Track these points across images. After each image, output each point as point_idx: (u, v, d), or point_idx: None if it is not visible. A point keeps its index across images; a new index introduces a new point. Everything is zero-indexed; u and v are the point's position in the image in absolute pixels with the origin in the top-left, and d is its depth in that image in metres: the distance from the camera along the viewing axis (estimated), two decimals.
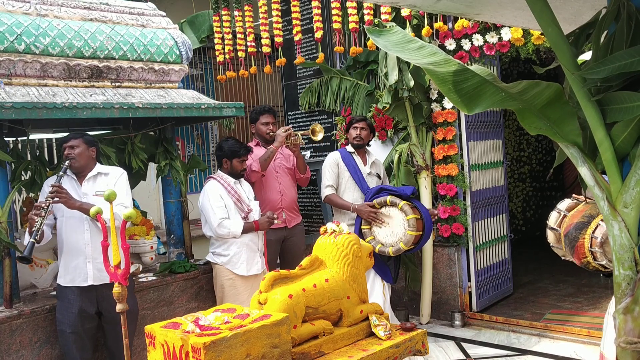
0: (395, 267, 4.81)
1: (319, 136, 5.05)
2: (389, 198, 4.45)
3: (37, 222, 3.37)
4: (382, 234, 4.49)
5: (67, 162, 3.64)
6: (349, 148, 4.92)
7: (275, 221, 4.50)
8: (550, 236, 3.62)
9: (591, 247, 3.17)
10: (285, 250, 5.10)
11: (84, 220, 3.65)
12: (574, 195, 3.66)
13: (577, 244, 3.24)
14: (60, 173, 3.59)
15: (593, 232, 3.13)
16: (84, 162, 3.72)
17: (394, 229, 4.45)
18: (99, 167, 3.84)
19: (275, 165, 5.00)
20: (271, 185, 5.00)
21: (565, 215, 3.51)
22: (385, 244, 4.45)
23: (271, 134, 4.99)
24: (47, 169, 4.17)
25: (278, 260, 5.16)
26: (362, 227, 4.57)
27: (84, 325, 3.66)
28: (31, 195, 4.42)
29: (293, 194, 5.11)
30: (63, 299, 3.68)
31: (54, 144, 4.91)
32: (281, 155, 5.07)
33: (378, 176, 4.93)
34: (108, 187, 3.69)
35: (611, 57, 1.73)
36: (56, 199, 3.45)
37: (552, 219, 3.61)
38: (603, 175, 1.94)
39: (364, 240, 4.46)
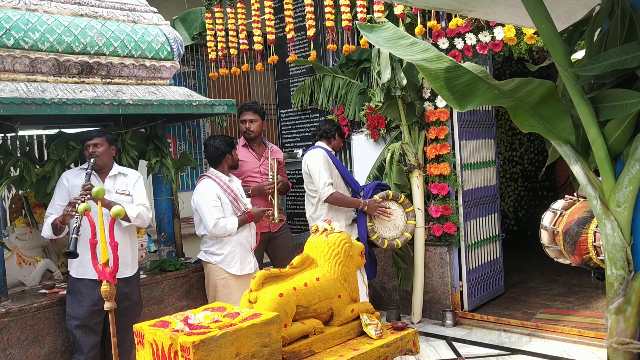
0: (372, 263, 4.89)
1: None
2: (390, 192, 4.75)
3: (77, 218, 3.46)
4: (384, 228, 4.67)
5: (92, 160, 3.74)
6: (327, 147, 4.92)
7: (269, 222, 4.49)
8: (544, 236, 3.60)
9: (595, 241, 3.15)
10: (273, 250, 5.07)
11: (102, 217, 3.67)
12: (567, 196, 3.65)
13: (579, 239, 3.22)
14: (89, 171, 3.69)
15: (597, 227, 3.10)
16: (107, 160, 3.85)
17: (396, 222, 4.76)
18: (118, 167, 3.97)
19: (262, 170, 4.95)
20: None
21: (562, 214, 3.50)
22: (389, 237, 4.68)
23: (249, 132, 4.95)
24: (37, 166, 4.13)
25: (264, 261, 5.13)
26: (368, 224, 4.69)
27: (92, 319, 3.70)
28: (20, 192, 4.38)
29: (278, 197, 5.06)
30: (75, 293, 3.70)
31: (44, 141, 4.87)
32: (266, 161, 5.01)
33: None
34: (127, 187, 3.90)
35: (605, 54, 1.72)
36: (88, 196, 3.50)
37: (547, 218, 3.59)
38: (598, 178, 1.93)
39: (370, 237, 4.65)
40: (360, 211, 4.77)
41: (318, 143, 4.97)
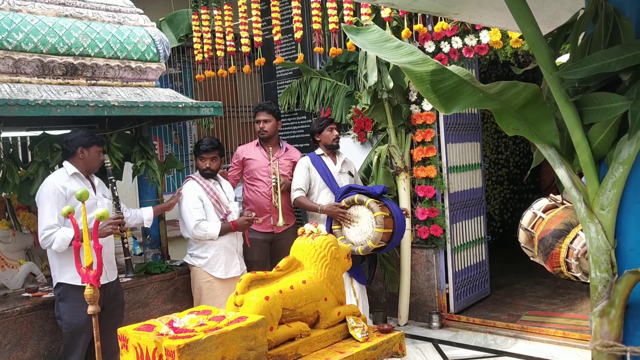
0: (370, 268, 4.77)
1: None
2: (356, 197, 4.42)
3: (126, 241, 4.03)
4: (352, 233, 4.47)
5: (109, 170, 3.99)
6: (318, 151, 4.91)
7: (257, 220, 4.47)
8: (522, 236, 3.56)
9: (567, 257, 3.08)
10: (274, 252, 5.07)
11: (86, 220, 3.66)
12: (551, 195, 3.61)
13: (552, 252, 3.15)
14: (116, 194, 3.96)
15: (571, 243, 3.03)
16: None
17: (363, 227, 4.40)
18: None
19: (270, 172, 4.95)
20: (262, 190, 4.97)
21: (541, 218, 3.45)
22: (355, 243, 4.41)
23: (262, 132, 4.99)
24: (20, 168, 4.08)
25: (268, 261, 5.13)
26: (333, 227, 4.54)
27: (91, 324, 3.65)
28: (3, 194, 4.32)
29: (284, 199, 5.05)
30: (72, 300, 3.59)
31: (28, 142, 4.82)
32: (277, 160, 5.01)
33: (350, 174, 4.93)
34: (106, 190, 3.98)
35: (589, 58, 1.72)
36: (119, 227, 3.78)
37: (527, 219, 3.53)
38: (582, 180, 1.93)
39: None
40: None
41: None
